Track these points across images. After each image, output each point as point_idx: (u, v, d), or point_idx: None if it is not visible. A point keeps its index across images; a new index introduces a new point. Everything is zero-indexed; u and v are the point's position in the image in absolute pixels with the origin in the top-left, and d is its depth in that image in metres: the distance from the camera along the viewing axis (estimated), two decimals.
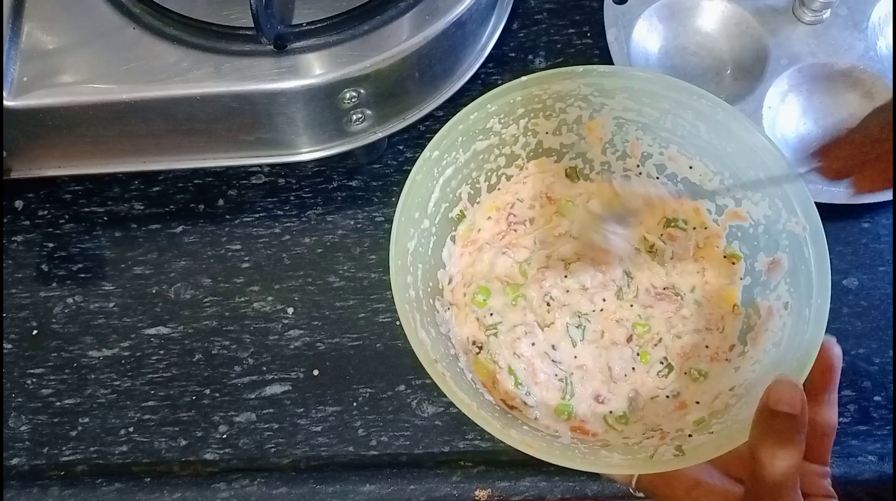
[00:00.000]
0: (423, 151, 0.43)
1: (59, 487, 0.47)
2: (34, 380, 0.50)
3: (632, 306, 0.46)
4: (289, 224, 0.53)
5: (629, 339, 0.46)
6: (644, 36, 0.57)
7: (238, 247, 0.53)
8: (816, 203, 0.41)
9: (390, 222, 0.53)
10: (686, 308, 0.46)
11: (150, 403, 0.49)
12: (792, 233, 0.42)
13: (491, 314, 0.46)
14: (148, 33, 0.47)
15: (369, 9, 0.47)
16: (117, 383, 0.50)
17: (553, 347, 0.45)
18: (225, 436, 0.48)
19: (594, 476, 0.47)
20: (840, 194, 0.51)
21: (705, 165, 0.46)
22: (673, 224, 0.48)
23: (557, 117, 0.46)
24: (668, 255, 0.47)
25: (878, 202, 0.52)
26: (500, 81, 0.55)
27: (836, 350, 0.38)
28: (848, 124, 0.52)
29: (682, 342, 0.45)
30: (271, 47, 0.46)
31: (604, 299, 0.46)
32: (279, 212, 0.54)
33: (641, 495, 0.44)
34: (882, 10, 0.56)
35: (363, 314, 0.51)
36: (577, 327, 0.46)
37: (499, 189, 0.48)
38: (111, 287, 0.52)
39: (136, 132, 0.48)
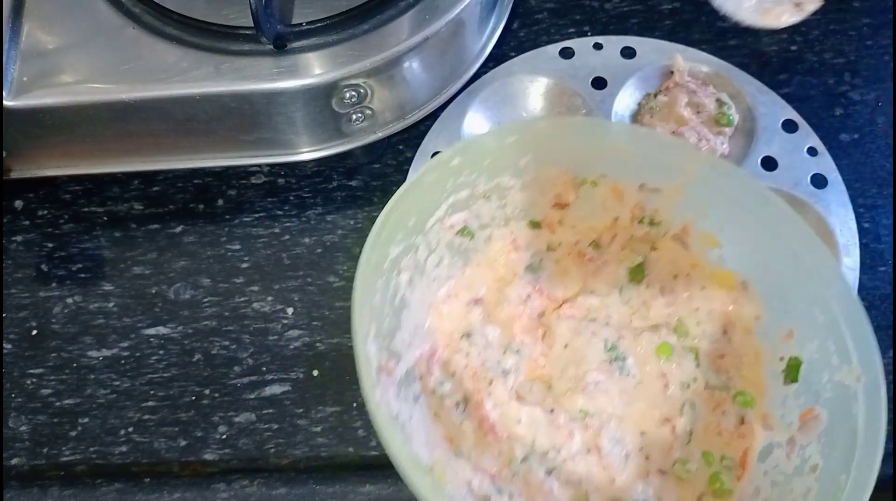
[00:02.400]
0: (440, 153, 0.40)
1: (59, 487, 0.47)
2: (34, 380, 0.50)
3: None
4: (288, 224, 0.53)
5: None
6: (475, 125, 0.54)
7: (238, 247, 0.53)
8: None
9: None
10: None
11: (150, 403, 0.49)
12: (840, 384, 0.36)
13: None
14: (147, 33, 0.47)
15: (369, 8, 0.47)
16: (117, 383, 0.50)
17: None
18: (225, 436, 0.48)
19: None
20: None
21: (753, 284, 0.41)
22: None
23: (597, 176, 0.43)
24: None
25: (878, 203, 0.52)
26: None
27: None
28: None
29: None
30: (271, 47, 0.46)
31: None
32: (279, 212, 0.54)
33: None
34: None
35: None
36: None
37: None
38: (111, 287, 0.52)
39: (135, 132, 0.48)
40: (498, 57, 0.55)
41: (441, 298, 0.45)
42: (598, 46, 0.56)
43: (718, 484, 0.40)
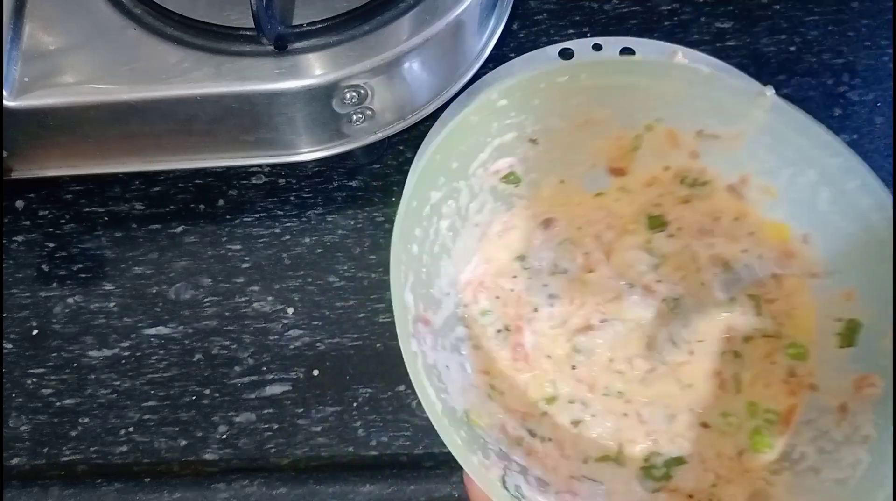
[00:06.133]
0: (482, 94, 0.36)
1: (59, 487, 0.47)
2: (34, 380, 0.50)
3: None
4: (289, 224, 0.54)
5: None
6: None
7: (238, 247, 0.53)
8: None
9: (390, 222, 0.53)
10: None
11: (151, 403, 0.49)
12: None
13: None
14: (148, 34, 0.48)
15: (369, 9, 0.47)
16: (117, 383, 0.50)
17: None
18: (225, 436, 0.48)
19: None
20: None
21: (814, 239, 0.37)
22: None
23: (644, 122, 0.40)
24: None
25: None
26: None
27: None
28: None
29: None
30: (272, 48, 0.47)
31: None
32: (279, 212, 0.54)
33: None
34: None
35: (363, 314, 0.51)
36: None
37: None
38: (111, 287, 0.52)
39: (136, 132, 0.48)
40: (498, 58, 0.56)
41: (495, 232, 0.42)
42: (597, 47, 0.56)
43: (758, 438, 0.38)
